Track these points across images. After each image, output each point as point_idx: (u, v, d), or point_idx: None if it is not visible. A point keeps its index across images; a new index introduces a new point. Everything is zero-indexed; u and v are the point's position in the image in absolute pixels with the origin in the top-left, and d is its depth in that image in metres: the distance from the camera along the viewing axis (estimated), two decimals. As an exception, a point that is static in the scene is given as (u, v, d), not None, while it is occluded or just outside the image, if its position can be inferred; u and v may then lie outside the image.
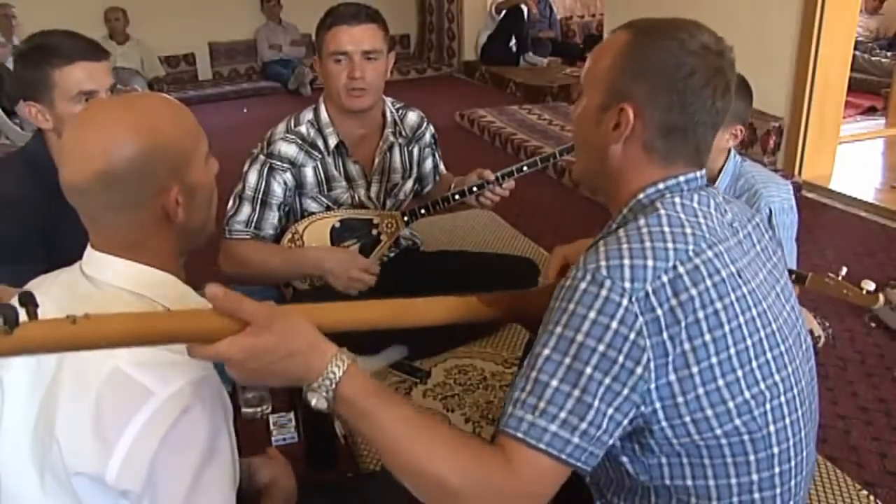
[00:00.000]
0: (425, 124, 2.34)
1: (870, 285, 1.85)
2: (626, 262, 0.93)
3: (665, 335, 0.92)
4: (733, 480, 0.99)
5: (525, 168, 2.14)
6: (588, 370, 0.90)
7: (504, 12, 6.88)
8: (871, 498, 1.77)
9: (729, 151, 2.02)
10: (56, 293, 1.00)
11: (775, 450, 0.99)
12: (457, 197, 2.13)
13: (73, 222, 1.18)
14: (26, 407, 0.97)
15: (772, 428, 0.98)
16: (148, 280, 0.99)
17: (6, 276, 1.70)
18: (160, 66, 6.56)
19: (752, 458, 0.98)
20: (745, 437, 0.97)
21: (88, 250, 1.01)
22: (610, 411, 0.91)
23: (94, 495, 0.92)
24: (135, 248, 0.99)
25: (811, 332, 2.13)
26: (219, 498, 0.95)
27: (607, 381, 0.90)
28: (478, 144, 4.92)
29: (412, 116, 2.31)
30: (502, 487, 0.90)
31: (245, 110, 6.06)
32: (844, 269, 1.77)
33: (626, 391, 0.91)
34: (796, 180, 3.74)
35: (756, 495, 1.00)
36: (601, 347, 0.90)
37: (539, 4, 7.25)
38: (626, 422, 0.93)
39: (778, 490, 1.00)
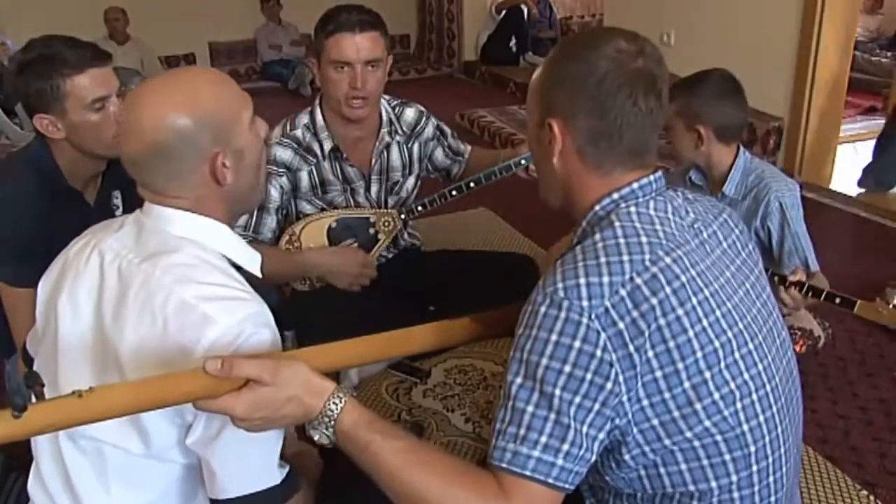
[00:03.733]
0: (424, 119, 2.29)
1: None
2: (582, 280, 0.94)
3: (630, 347, 0.92)
4: (713, 483, 0.99)
5: (523, 161, 2.09)
6: (557, 392, 0.91)
7: (504, 12, 6.87)
8: (871, 498, 1.77)
9: (738, 148, 2.03)
10: (115, 242, 1.08)
11: (751, 448, 0.99)
12: (454, 193, 2.12)
13: (75, 224, 1.19)
14: (84, 331, 1.06)
15: (745, 427, 0.98)
16: (205, 228, 1.08)
17: (9, 277, 1.71)
18: (160, 66, 6.55)
19: (727, 457, 0.98)
20: (718, 438, 0.97)
21: (147, 205, 1.10)
22: (585, 429, 0.92)
23: (154, 417, 0.99)
24: (190, 209, 1.07)
25: (811, 332, 2.14)
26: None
27: (577, 399, 0.91)
28: (478, 144, 4.89)
29: (410, 113, 2.27)
30: None
31: (245, 110, 6.05)
32: None
33: (597, 406, 0.92)
34: (796, 180, 3.74)
35: (735, 494, 1.00)
36: (567, 368, 0.91)
37: (539, 4, 7.24)
38: (602, 436, 0.94)
39: (756, 488, 1.01)
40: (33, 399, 0.82)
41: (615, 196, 1.03)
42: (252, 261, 1.14)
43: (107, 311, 1.03)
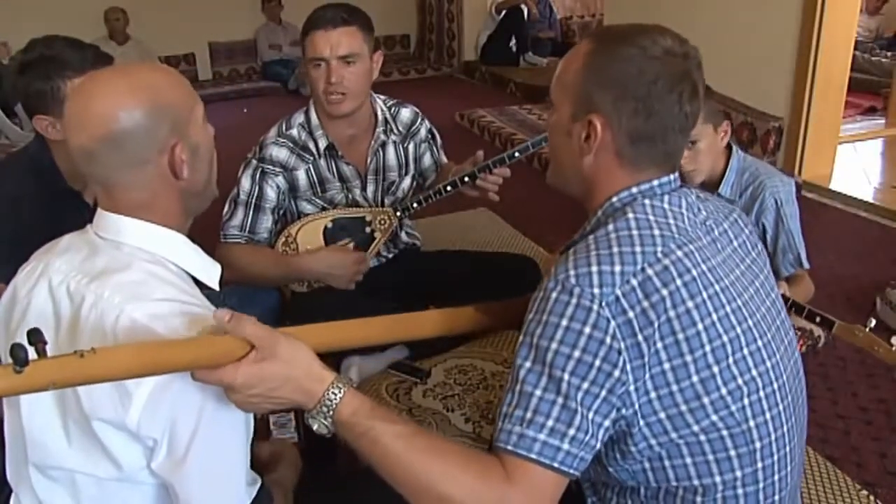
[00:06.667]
0: (419, 120, 2.31)
1: None
2: (594, 268, 0.94)
3: (639, 337, 0.93)
4: (717, 479, 0.99)
5: (517, 154, 2.07)
6: (566, 376, 0.92)
7: (504, 12, 6.87)
8: (871, 498, 1.77)
9: (730, 148, 2.03)
10: (63, 264, 1.05)
11: (757, 445, 0.99)
12: (448, 188, 2.10)
13: (74, 225, 1.18)
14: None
15: (752, 423, 0.99)
16: (159, 238, 1.05)
17: (7, 276, 1.71)
18: (160, 66, 6.56)
19: (732, 453, 0.99)
20: (724, 433, 0.98)
21: (99, 213, 1.06)
22: (591, 415, 0.93)
23: (117, 441, 0.97)
24: (145, 209, 1.04)
25: (811, 332, 2.13)
26: (233, 438, 0.99)
27: (585, 385, 0.92)
28: (478, 144, 4.89)
29: (405, 113, 2.29)
30: (503, 501, 0.91)
31: (245, 110, 6.06)
32: (873, 322, 1.74)
33: (603, 393, 0.93)
34: (796, 180, 3.74)
35: (739, 490, 1.00)
36: (576, 353, 0.92)
37: (539, 4, 7.25)
38: (608, 423, 0.94)
39: (761, 485, 1.01)
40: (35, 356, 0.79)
41: (634, 190, 1.04)
42: (209, 272, 1.10)
43: (62, 335, 1.01)
